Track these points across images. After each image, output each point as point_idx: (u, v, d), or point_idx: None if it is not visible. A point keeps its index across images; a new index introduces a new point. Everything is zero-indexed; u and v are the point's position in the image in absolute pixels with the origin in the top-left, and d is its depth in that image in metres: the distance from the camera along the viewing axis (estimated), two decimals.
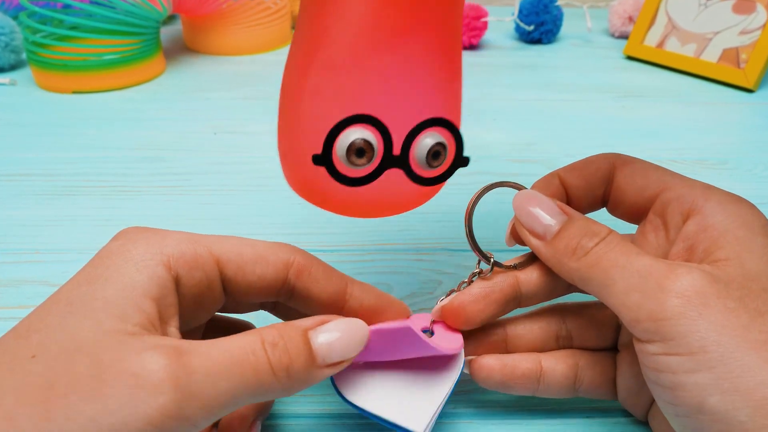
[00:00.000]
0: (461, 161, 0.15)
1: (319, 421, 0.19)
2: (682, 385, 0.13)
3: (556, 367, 0.17)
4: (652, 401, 0.17)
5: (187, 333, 0.15)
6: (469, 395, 0.19)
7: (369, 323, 0.16)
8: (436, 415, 0.16)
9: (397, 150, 0.15)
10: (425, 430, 0.16)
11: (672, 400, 0.13)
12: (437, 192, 0.17)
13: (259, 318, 0.19)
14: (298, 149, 0.15)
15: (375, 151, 0.14)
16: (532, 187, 0.18)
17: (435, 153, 0.15)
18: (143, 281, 0.13)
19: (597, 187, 0.18)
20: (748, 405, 0.12)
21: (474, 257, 0.18)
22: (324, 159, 0.15)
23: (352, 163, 0.15)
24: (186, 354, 0.12)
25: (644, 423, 0.18)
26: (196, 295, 0.15)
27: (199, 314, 0.16)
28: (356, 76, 0.14)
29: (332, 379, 0.17)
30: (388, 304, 0.17)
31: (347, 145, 0.14)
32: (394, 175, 0.15)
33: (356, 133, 0.14)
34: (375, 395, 0.16)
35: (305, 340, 0.14)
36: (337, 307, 0.16)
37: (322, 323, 0.15)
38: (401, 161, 0.15)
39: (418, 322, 0.18)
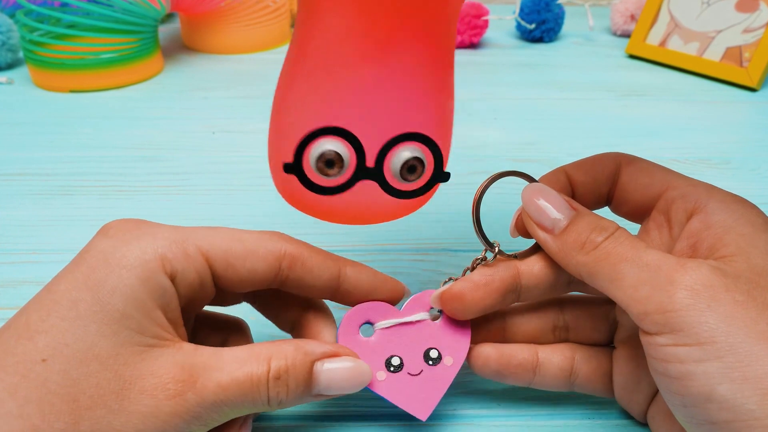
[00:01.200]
0: (440, 176, 0.15)
1: (318, 423, 0.18)
2: (690, 374, 0.13)
3: (552, 358, 0.18)
4: (650, 400, 0.17)
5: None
6: (470, 395, 0.19)
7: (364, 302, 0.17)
8: (436, 404, 0.17)
9: (370, 162, 0.15)
10: (428, 417, 0.16)
11: (680, 390, 0.13)
12: (422, 205, 0.16)
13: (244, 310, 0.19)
14: (277, 156, 0.15)
15: (345, 162, 0.15)
16: (540, 181, 0.18)
17: (411, 167, 0.15)
18: (150, 292, 0.14)
19: (602, 185, 0.18)
20: (757, 393, 0.12)
21: (475, 257, 0.18)
22: (295, 168, 0.15)
23: (322, 173, 0.15)
24: (200, 378, 0.13)
25: (643, 425, 0.18)
26: (189, 295, 0.15)
27: (191, 310, 0.16)
28: (332, 87, 0.14)
29: None
30: (382, 283, 0.17)
31: (317, 155, 0.14)
32: (371, 186, 0.15)
33: (327, 144, 0.14)
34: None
35: (309, 373, 0.15)
36: (331, 290, 0.17)
37: (333, 356, 0.15)
38: (375, 174, 0.15)
39: (424, 301, 0.18)
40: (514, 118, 0.40)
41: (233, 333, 0.18)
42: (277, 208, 0.29)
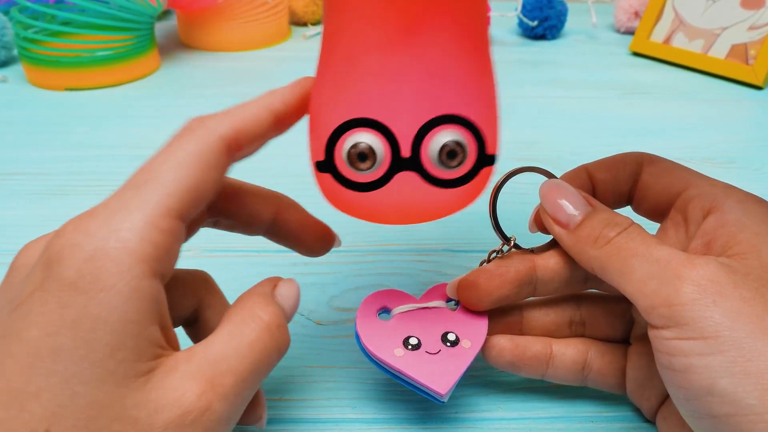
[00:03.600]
0: (485, 160, 0.15)
1: (318, 426, 0.18)
2: (693, 367, 0.13)
3: (566, 351, 0.18)
4: (662, 399, 0.17)
5: None
6: (471, 398, 0.19)
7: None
8: (458, 381, 0.16)
9: (406, 152, 0.14)
10: (447, 393, 0.16)
11: (683, 383, 0.13)
12: (473, 198, 0.16)
13: None
14: (314, 156, 0.15)
15: (379, 154, 0.14)
16: (561, 178, 0.18)
17: (450, 152, 0.14)
18: (139, 309, 0.12)
19: (623, 184, 0.18)
20: (758, 388, 0.12)
21: (476, 258, 0.18)
22: (327, 165, 0.14)
23: (356, 168, 0.14)
24: (215, 379, 0.12)
25: (649, 425, 0.18)
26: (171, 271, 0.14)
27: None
28: (358, 78, 0.14)
29: (358, 337, 0.17)
30: (313, 224, 0.18)
31: (348, 150, 0.14)
32: (411, 178, 0.15)
33: (357, 137, 0.14)
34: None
35: (279, 307, 0.15)
36: (269, 223, 0.17)
37: (278, 283, 0.16)
38: (412, 163, 0.14)
39: (441, 292, 0.19)
40: (516, 116, 0.39)
41: (200, 289, 0.17)
42: None
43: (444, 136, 0.14)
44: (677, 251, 0.14)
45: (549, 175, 0.17)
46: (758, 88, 0.44)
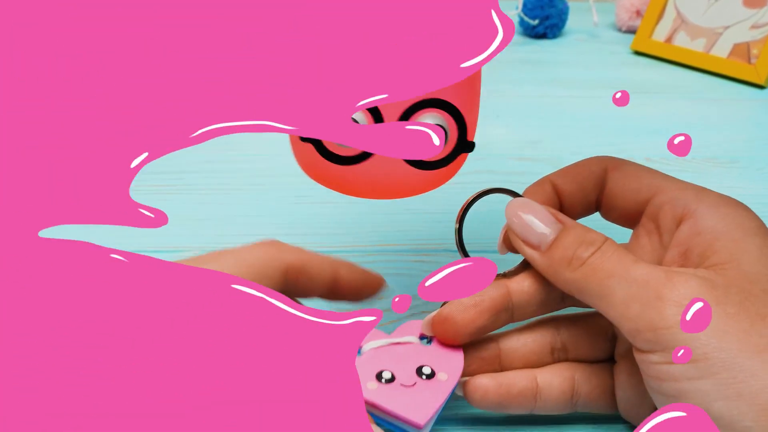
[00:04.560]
0: (464, 146, 0.15)
1: None
2: (685, 392, 0.13)
3: (552, 381, 0.17)
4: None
5: None
6: (463, 410, 0.19)
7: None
8: (436, 414, 0.16)
9: None
10: (426, 425, 0.16)
11: None
12: (447, 178, 0.16)
13: None
14: None
15: None
16: (524, 194, 0.17)
17: None
18: None
19: (590, 192, 0.17)
20: (753, 409, 0.12)
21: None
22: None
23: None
24: None
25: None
26: None
27: None
28: None
29: None
30: (368, 278, 0.17)
31: None
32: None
33: None
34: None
35: None
36: (327, 291, 0.17)
37: None
38: None
39: (414, 327, 0.18)
40: (517, 116, 0.39)
41: None
42: (274, 208, 0.29)
43: (427, 118, 0.14)
44: (655, 268, 0.14)
45: (514, 194, 0.17)
46: (761, 87, 0.44)
